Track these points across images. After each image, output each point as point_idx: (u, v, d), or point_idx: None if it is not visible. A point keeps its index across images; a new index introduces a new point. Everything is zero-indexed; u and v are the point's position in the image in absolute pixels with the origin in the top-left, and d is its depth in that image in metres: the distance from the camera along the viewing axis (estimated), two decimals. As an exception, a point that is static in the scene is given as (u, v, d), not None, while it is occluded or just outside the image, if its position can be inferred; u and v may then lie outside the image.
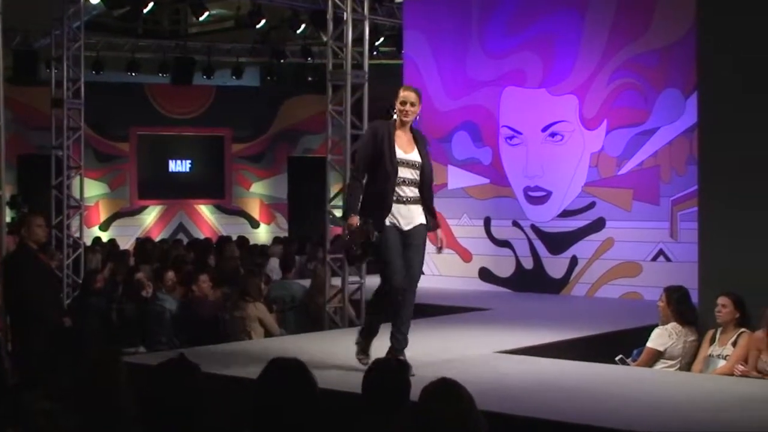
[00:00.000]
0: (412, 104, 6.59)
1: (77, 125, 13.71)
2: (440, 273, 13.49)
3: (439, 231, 6.81)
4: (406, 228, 6.56)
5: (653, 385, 6.59)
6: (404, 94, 6.62)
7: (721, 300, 7.47)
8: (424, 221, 6.66)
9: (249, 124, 22.43)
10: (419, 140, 6.70)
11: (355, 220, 6.45)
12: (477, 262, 13.20)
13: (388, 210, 6.49)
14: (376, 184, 6.51)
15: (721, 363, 7.33)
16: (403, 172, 6.53)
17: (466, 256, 13.32)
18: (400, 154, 6.53)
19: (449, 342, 8.37)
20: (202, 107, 22.12)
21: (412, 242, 6.57)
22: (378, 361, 3.95)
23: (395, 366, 3.87)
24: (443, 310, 10.76)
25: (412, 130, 6.68)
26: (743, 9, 8.25)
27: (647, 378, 7.07)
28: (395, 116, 6.62)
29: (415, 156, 6.61)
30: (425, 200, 6.69)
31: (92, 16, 16.20)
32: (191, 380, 3.53)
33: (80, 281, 12.41)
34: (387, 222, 6.49)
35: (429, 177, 6.68)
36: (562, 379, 6.64)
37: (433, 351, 7.76)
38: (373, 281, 12.52)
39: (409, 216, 6.58)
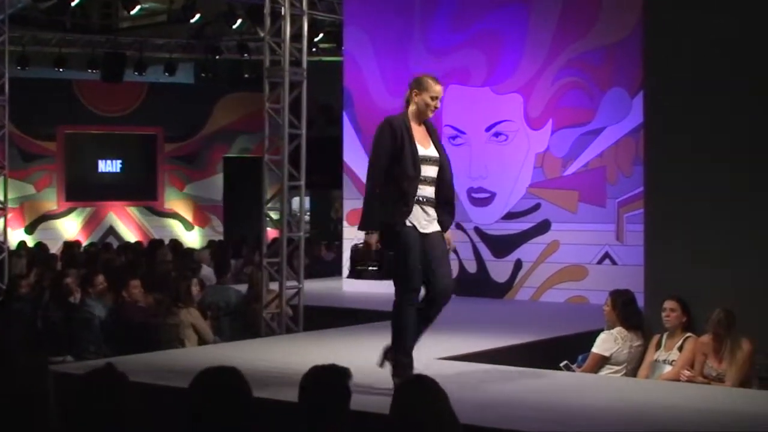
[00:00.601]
0: (440, 99, 6.35)
1: (1, 123, 13.51)
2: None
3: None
4: (424, 231, 6.24)
5: (598, 392, 6.65)
6: (438, 88, 6.36)
7: (669, 304, 7.56)
8: (438, 227, 6.33)
9: (182, 122, 22.27)
10: (432, 132, 6.42)
11: (375, 239, 6.16)
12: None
13: (409, 213, 6.16)
14: (396, 184, 6.16)
15: (668, 368, 7.42)
16: (426, 171, 6.23)
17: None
18: (420, 150, 6.23)
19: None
20: (133, 105, 21.93)
21: (435, 251, 6.28)
22: (316, 367, 3.94)
23: (333, 372, 3.86)
24: (384, 315, 10.73)
25: (425, 122, 6.41)
26: (689, 6, 8.38)
27: (592, 384, 7.13)
28: (410, 109, 6.35)
29: (433, 151, 6.31)
30: (447, 198, 6.37)
31: (17, 9, 15.97)
32: (118, 391, 3.49)
33: (4, 287, 12.22)
34: (407, 223, 6.18)
35: (449, 172, 6.36)
36: (505, 386, 6.68)
37: (373, 358, 7.76)
38: (312, 286, 12.54)
39: (429, 218, 6.28)
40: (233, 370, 3.71)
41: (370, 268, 5.62)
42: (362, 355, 7.70)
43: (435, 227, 6.31)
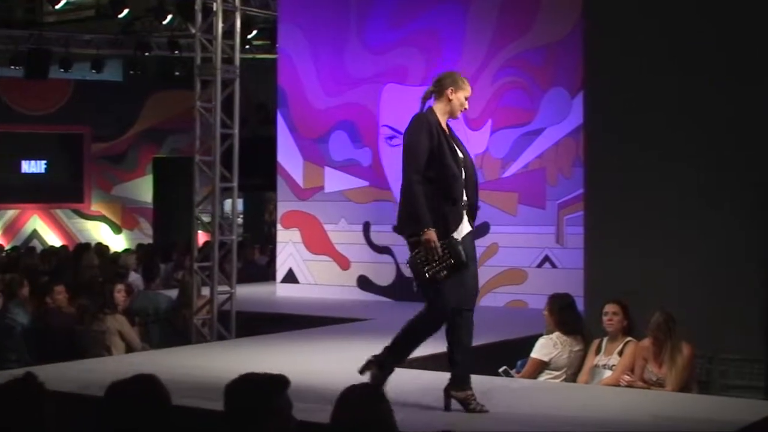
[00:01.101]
0: None
1: None
2: (316, 281, 13.48)
3: None
4: (459, 237, 6.01)
5: (537, 398, 6.70)
6: (469, 87, 6.17)
7: (610, 308, 7.62)
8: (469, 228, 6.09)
9: (110, 121, 22.05)
10: (452, 132, 6.20)
11: (434, 235, 5.83)
12: (355, 270, 13.23)
13: (461, 219, 5.95)
14: (441, 186, 5.95)
15: (608, 373, 7.48)
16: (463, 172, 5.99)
17: (343, 263, 13.34)
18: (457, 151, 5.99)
19: (326, 355, 8.36)
20: (58, 103, 21.67)
21: (470, 254, 6.05)
22: (246, 374, 3.92)
23: (263, 380, 3.84)
24: (320, 321, 10.75)
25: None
26: (629, 5, 8.47)
27: (531, 390, 7.18)
28: (440, 107, 6.15)
29: (461, 152, 6.12)
30: (474, 201, 6.14)
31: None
32: (35, 402, 3.43)
33: None
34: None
35: (475, 173, 6.17)
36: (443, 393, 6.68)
37: (309, 365, 7.75)
38: (244, 291, 12.48)
39: (464, 223, 6.07)
40: (150, 377, 3.67)
41: (442, 266, 5.31)
42: (297, 362, 7.67)
43: (466, 231, 6.10)
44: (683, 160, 8.13)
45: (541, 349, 7.78)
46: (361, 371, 6.13)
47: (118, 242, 21.33)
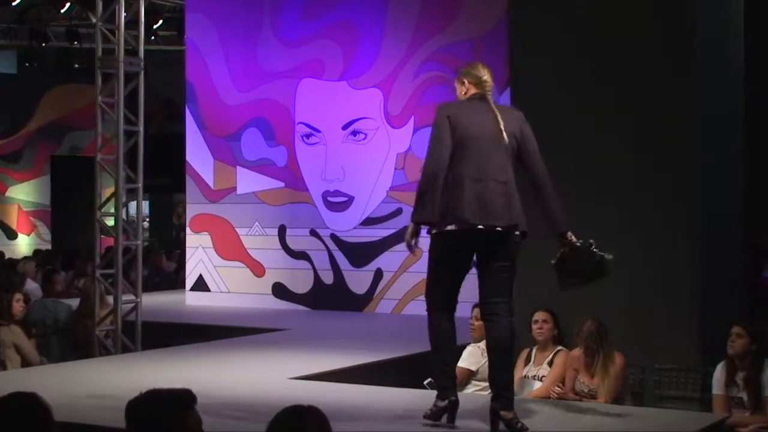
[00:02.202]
0: None
1: None
2: (229, 289, 13.41)
3: None
4: None
5: (463, 410, 6.72)
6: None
7: (540, 315, 7.69)
8: None
9: (4, 117, 21.75)
10: None
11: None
12: (270, 277, 13.19)
13: None
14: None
15: (537, 384, 7.54)
16: None
17: (257, 270, 13.29)
18: None
19: (238, 368, 8.32)
20: (-53, 97, 21.31)
21: None
22: (150, 391, 3.88)
23: (168, 396, 3.80)
24: (232, 332, 10.70)
25: None
26: (553, 4, 8.57)
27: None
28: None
29: None
30: None
31: None
32: None
33: None
34: None
35: None
36: (366, 408, 6.69)
37: (220, 378, 7.70)
38: (151, 300, 12.36)
39: None
40: (30, 395, 3.63)
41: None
42: (208, 376, 7.62)
43: None
44: (613, 159, 8.22)
45: (469, 358, 7.83)
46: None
47: (13, 248, 21.00)
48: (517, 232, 5.78)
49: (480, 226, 5.68)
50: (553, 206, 5.87)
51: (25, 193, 22.21)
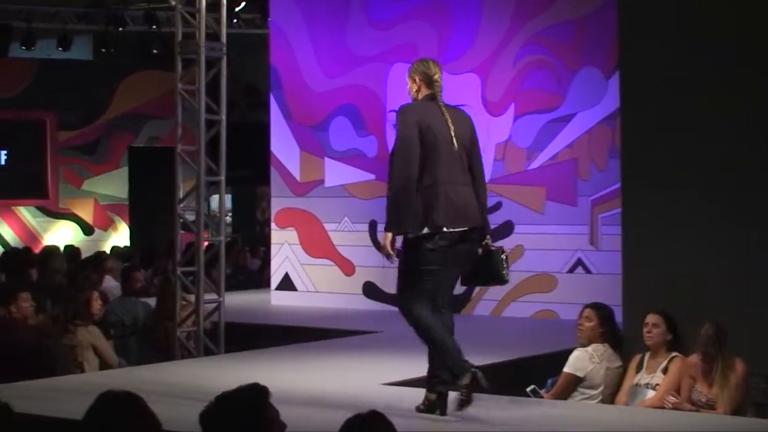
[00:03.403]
0: None
1: None
2: (316, 289, 13.48)
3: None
4: None
5: (571, 420, 6.70)
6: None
7: (652, 318, 7.62)
8: None
9: (79, 106, 22.03)
10: None
11: None
12: (361, 276, 13.22)
13: None
14: None
15: (650, 393, 7.48)
16: None
17: (347, 268, 13.33)
18: None
19: (326, 372, 8.37)
20: (19, 86, 21.65)
21: None
22: (223, 394, 3.95)
23: (237, 397, 3.87)
24: (320, 334, 10.76)
25: None
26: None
27: (563, 411, 7.17)
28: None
29: None
30: None
31: None
32: (3, 424, 3.45)
33: None
34: None
35: None
36: (462, 416, 6.68)
37: (307, 383, 7.75)
38: (234, 299, 12.48)
39: None
40: (133, 395, 3.70)
41: None
42: (294, 380, 7.67)
43: None
44: (737, 149, 8.08)
45: (576, 363, 7.79)
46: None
47: (90, 244, 21.32)
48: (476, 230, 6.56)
49: (457, 230, 6.40)
50: (485, 210, 6.70)
51: (101, 186, 22.48)
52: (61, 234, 21.51)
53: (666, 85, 8.36)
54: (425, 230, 6.37)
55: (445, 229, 6.38)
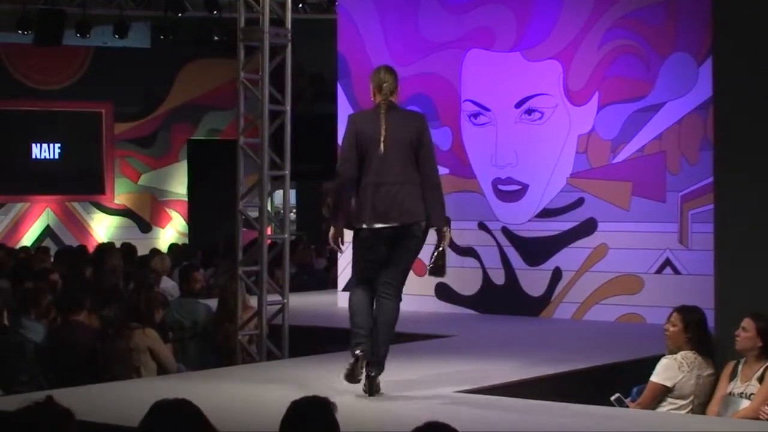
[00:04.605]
0: None
1: None
2: (385, 290, 13.49)
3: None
4: None
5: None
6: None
7: (745, 322, 7.58)
8: None
9: (136, 96, 22.27)
10: None
11: None
12: (432, 276, 13.20)
13: None
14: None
15: (745, 403, 7.42)
16: None
17: (418, 268, 13.26)
18: None
19: (397, 378, 8.37)
20: (74, 75, 21.94)
21: None
22: (297, 401, 4.00)
23: (315, 406, 3.93)
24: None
25: None
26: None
27: (651, 422, 7.14)
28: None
29: None
30: None
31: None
32: (62, 431, 3.50)
33: None
34: None
35: None
36: (543, 426, 6.68)
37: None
38: (299, 301, 12.54)
39: None
40: (189, 404, 3.74)
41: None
42: (360, 385, 7.69)
43: None
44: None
45: (664, 372, 7.74)
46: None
47: (147, 242, 21.53)
48: (415, 225, 7.62)
49: (377, 226, 7.57)
50: (434, 206, 7.65)
51: (159, 181, 22.70)
52: (117, 231, 21.72)
53: (763, 71, 8.29)
54: (357, 225, 7.65)
55: (364, 226, 7.59)
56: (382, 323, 7.63)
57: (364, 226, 7.60)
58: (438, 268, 7.87)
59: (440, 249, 7.75)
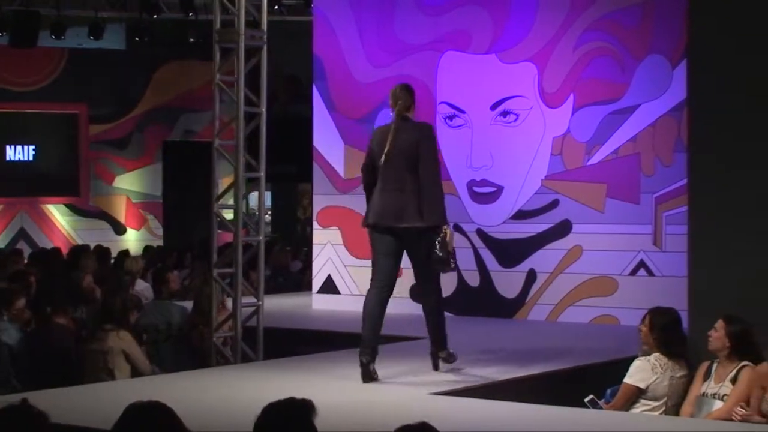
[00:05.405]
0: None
1: None
2: (361, 292, 13.45)
3: None
4: None
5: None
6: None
7: (718, 323, 7.60)
8: None
9: (111, 98, 22.21)
10: None
11: None
12: (408, 278, 13.11)
13: None
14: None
15: (718, 404, 7.45)
16: None
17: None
18: None
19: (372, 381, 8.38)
20: (49, 77, 21.86)
21: None
22: (272, 404, 4.00)
23: (292, 408, 3.92)
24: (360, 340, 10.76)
25: None
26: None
27: (624, 424, 7.16)
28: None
29: None
30: None
31: None
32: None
33: None
34: None
35: None
36: (516, 428, 6.68)
37: (350, 392, 7.77)
38: (274, 303, 12.52)
39: None
40: (163, 406, 3.74)
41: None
42: (337, 389, 7.70)
43: None
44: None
45: (637, 374, 7.77)
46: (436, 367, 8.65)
47: (122, 244, 21.47)
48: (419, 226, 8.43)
49: (381, 225, 8.52)
50: (425, 205, 8.41)
51: (134, 183, 22.65)
52: (92, 233, 21.64)
53: (736, 74, 8.32)
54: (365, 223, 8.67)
55: (369, 224, 8.59)
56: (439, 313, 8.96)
57: (369, 224, 8.60)
58: (437, 260, 8.54)
59: (437, 241, 8.45)
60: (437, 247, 8.48)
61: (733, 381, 7.45)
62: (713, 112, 8.48)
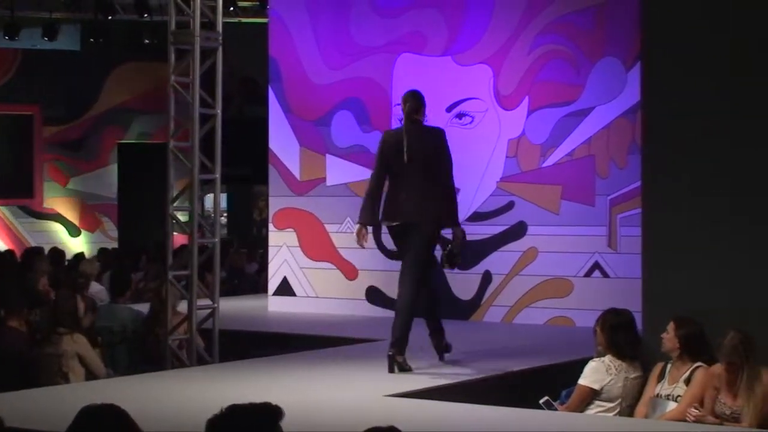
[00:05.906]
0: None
1: None
2: (317, 294, 13.49)
3: None
4: None
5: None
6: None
7: (669, 325, 7.65)
8: None
9: (65, 100, 22.10)
10: None
11: None
12: (364, 280, 13.24)
13: None
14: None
15: (672, 405, 7.48)
16: None
17: (349, 272, 13.35)
18: None
19: (327, 383, 8.39)
20: (2, 78, 21.74)
21: None
22: (235, 407, 3.98)
23: (251, 412, 3.90)
24: (321, 342, 10.76)
25: None
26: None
27: (579, 425, 7.18)
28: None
29: None
30: None
31: None
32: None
33: None
34: None
35: None
36: (471, 429, 6.69)
37: (307, 394, 7.77)
38: (230, 305, 12.49)
39: None
40: (117, 409, 3.74)
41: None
42: (294, 391, 7.69)
43: None
44: (765, 144, 8.09)
45: (592, 375, 7.80)
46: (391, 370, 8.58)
47: (75, 246, 21.39)
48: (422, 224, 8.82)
49: (392, 224, 9.04)
50: (445, 206, 9.06)
51: (89, 185, 22.55)
52: (46, 235, 21.54)
53: (690, 76, 8.37)
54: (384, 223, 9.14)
55: (381, 222, 9.10)
56: (396, 308, 9.04)
57: (386, 222, 9.09)
58: (448, 256, 9.08)
59: (452, 243, 9.07)
60: (454, 244, 9.04)
61: (687, 382, 7.49)
62: (667, 115, 8.53)
